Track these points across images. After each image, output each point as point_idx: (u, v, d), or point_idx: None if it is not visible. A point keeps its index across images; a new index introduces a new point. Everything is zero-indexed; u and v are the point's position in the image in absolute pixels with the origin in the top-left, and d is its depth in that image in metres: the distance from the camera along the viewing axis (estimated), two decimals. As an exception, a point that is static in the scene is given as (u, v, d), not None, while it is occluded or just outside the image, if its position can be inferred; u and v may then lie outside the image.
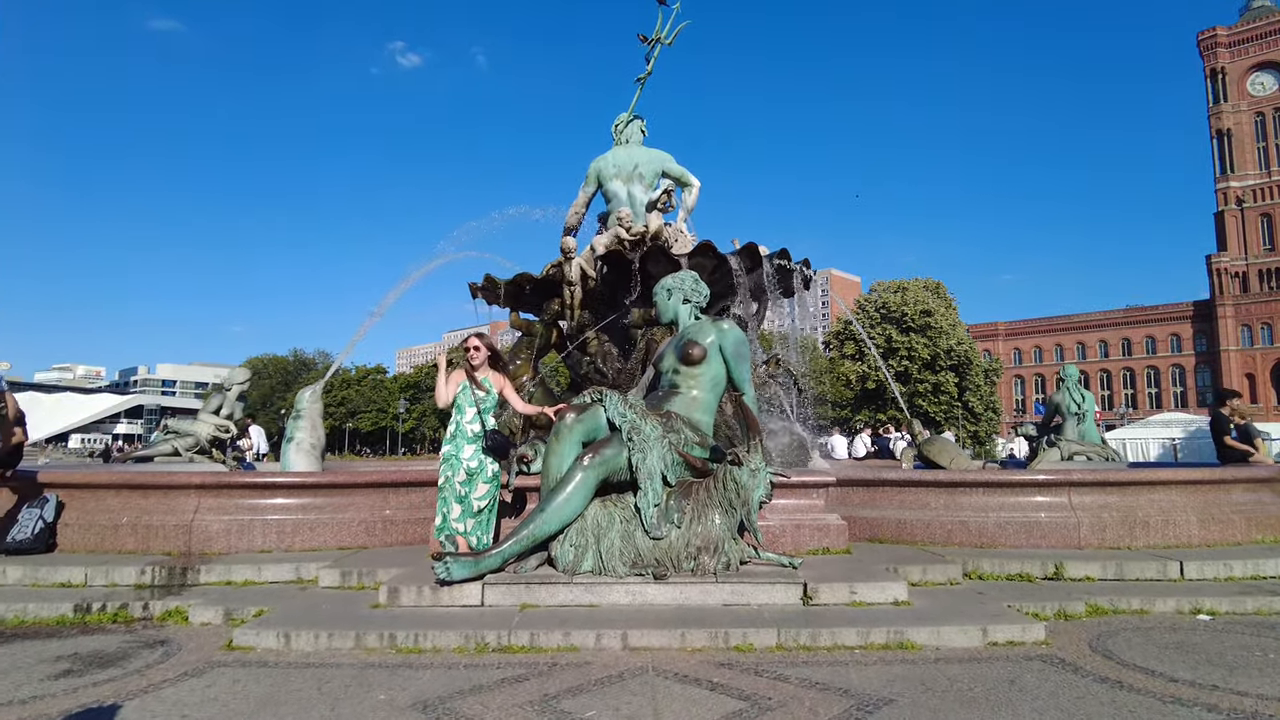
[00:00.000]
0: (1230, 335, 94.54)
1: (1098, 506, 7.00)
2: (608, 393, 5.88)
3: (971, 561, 6.34)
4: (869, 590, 5.28)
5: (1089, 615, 5.40)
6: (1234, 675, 4.16)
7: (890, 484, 7.44)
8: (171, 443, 11.75)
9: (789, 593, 5.24)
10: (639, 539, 5.42)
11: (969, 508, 7.05)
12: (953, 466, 9.72)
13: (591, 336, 11.33)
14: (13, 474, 7.41)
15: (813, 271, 12.04)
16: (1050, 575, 6.21)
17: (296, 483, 7.29)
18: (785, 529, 6.45)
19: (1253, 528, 7.31)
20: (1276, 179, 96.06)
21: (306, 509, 7.05)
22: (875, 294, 60.88)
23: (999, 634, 4.71)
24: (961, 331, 58.61)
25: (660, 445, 5.59)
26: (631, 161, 12.00)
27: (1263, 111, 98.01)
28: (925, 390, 55.44)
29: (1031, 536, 6.85)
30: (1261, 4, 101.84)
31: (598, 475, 5.46)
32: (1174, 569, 6.25)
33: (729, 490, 5.51)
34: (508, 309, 12.28)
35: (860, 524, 7.20)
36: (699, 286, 6.61)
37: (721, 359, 6.14)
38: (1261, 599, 5.69)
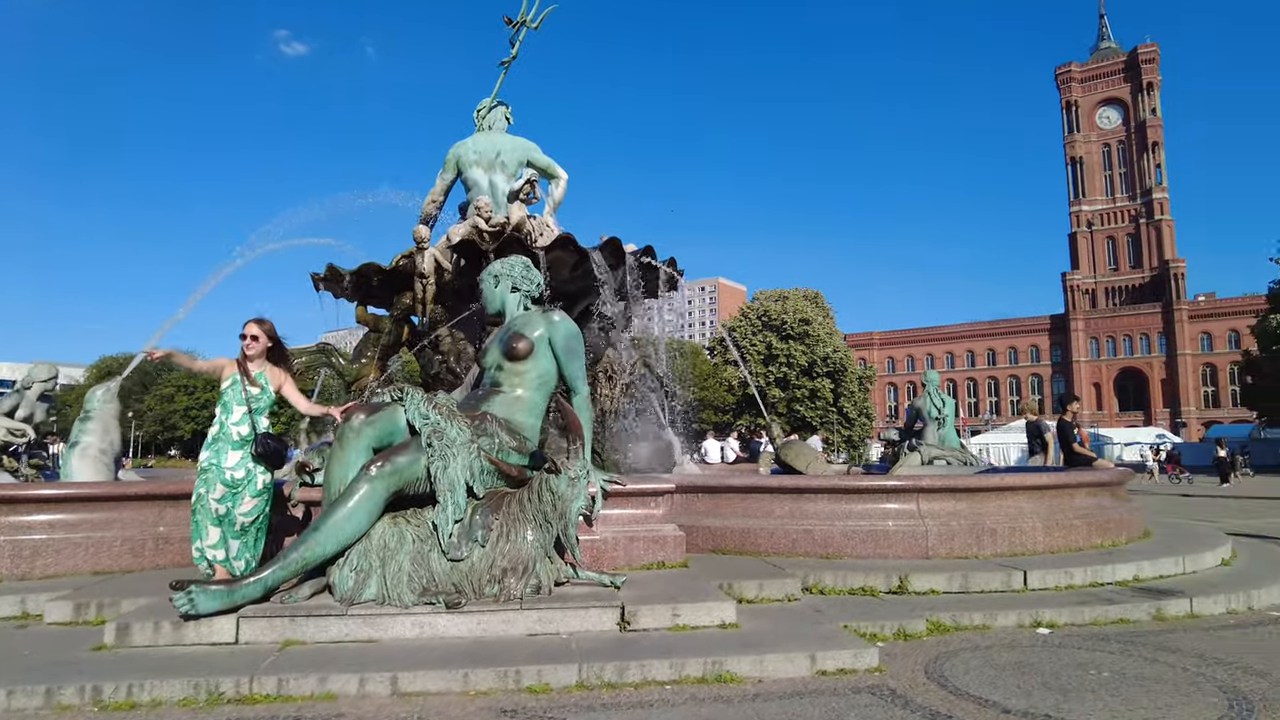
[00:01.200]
0: (1081, 347, 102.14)
1: (946, 514, 6.73)
2: (410, 390, 5.10)
3: (814, 574, 5.90)
4: (693, 612, 4.71)
5: (930, 634, 5.02)
6: (1067, 700, 3.80)
7: (735, 490, 6.95)
8: (-48, 449, 10.14)
9: (604, 618, 4.60)
10: (434, 561, 4.66)
11: (815, 516, 6.64)
12: (809, 471, 9.42)
13: (445, 334, 10.48)
14: None
15: (680, 272, 11.55)
16: (895, 589, 5.84)
17: (37, 495, 6.11)
18: (618, 542, 5.82)
19: (1094, 532, 7.24)
20: (1119, 205, 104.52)
21: (54, 527, 5.91)
22: (758, 302, 62.01)
23: (829, 661, 4.22)
24: (838, 340, 60.47)
25: (467, 451, 4.85)
26: (494, 149, 11.21)
27: (1109, 143, 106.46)
28: (803, 396, 56.80)
29: (879, 546, 6.50)
30: (1108, 45, 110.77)
31: (387, 486, 4.66)
32: (1018, 579, 6.00)
33: (544, 502, 4.83)
34: (354, 302, 11.25)
35: (704, 534, 6.67)
36: (530, 274, 5.92)
37: (551, 354, 5.47)
38: (1098, 608, 5.48)
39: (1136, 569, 6.40)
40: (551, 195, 11.23)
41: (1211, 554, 7.15)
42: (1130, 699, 3.83)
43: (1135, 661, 4.44)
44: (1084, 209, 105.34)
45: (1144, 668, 4.33)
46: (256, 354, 5.04)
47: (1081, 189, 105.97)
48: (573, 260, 9.72)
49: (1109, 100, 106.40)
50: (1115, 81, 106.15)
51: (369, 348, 11.21)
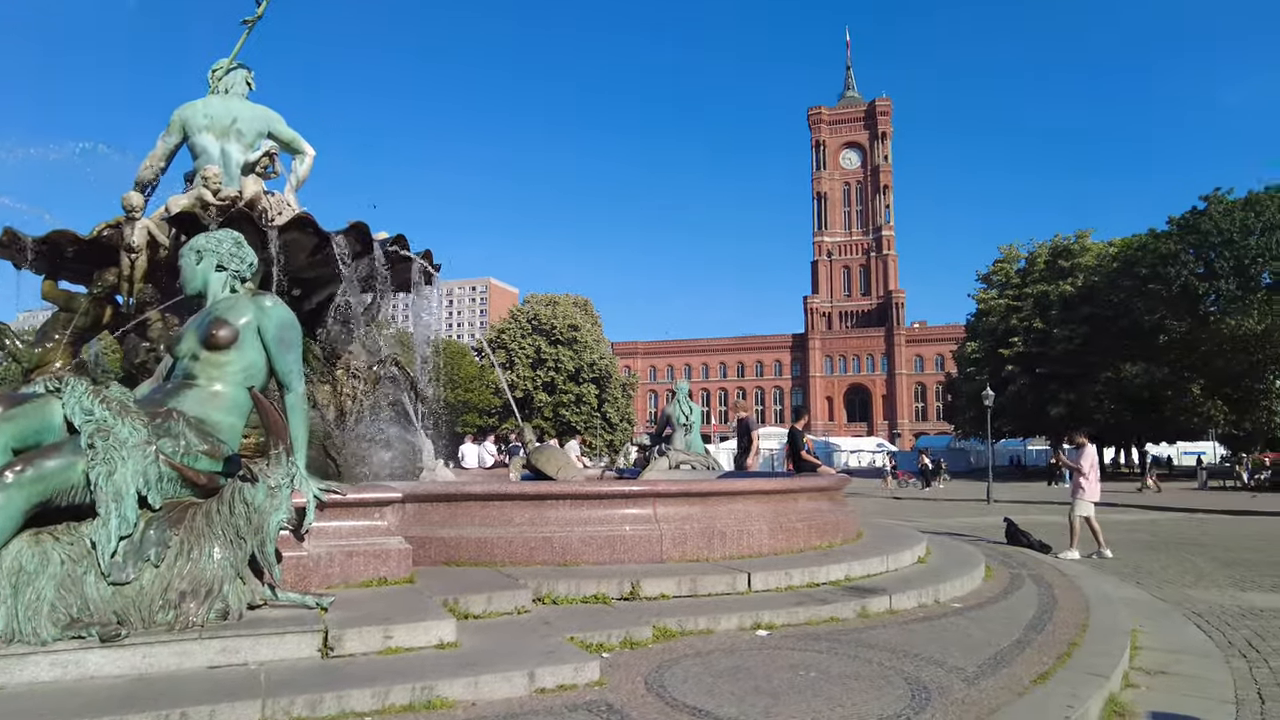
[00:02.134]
0: (818, 364, 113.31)
1: (681, 518, 6.88)
2: (70, 379, 4.24)
3: (548, 584, 5.73)
4: (409, 632, 4.33)
5: (656, 640, 5.02)
6: (777, 703, 3.92)
7: (474, 498, 6.63)
8: None
9: (303, 644, 4.09)
10: (89, 585, 3.88)
11: (555, 522, 6.50)
12: (560, 476, 9.31)
13: (155, 317, 9.09)
14: None
15: (436, 266, 10.98)
16: (627, 595, 5.82)
17: None
18: (333, 558, 5.26)
19: (813, 534, 7.76)
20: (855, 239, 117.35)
21: None
22: (529, 305, 61.99)
23: (549, 678, 4.04)
24: (605, 347, 62.07)
25: (141, 454, 4.10)
26: (229, 114, 9.94)
27: (849, 181, 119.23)
28: (569, 400, 57.53)
29: (616, 552, 6.49)
30: (853, 94, 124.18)
31: (27, 497, 3.81)
32: (743, 581, 6.24)
33: (237, 515, 4.20)
34: (41, 275, 9.48)
35: (437, 545, 6.27)
36: (241, 251, 5.21)
37: (260, 344, 4.82)
38: (812, 608, 5.82)
39: (848, 569, 6.92)
40: (295, 172, 10.22)
41: (910, 552, 7.94)
42: (832, 698, 4.02)
43: (840, 660, 4.71)
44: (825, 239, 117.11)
45: (846, 665, 4.60)
46: None
47: (824, 221, 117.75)
48: (312, 244, 8.88)
49: (851, 144, 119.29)
50: (856, 128, 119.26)
51: (57, 329, 9.53)
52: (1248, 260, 38.73)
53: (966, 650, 5.01)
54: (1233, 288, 39.03)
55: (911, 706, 3.92)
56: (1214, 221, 39.53)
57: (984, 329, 52.06)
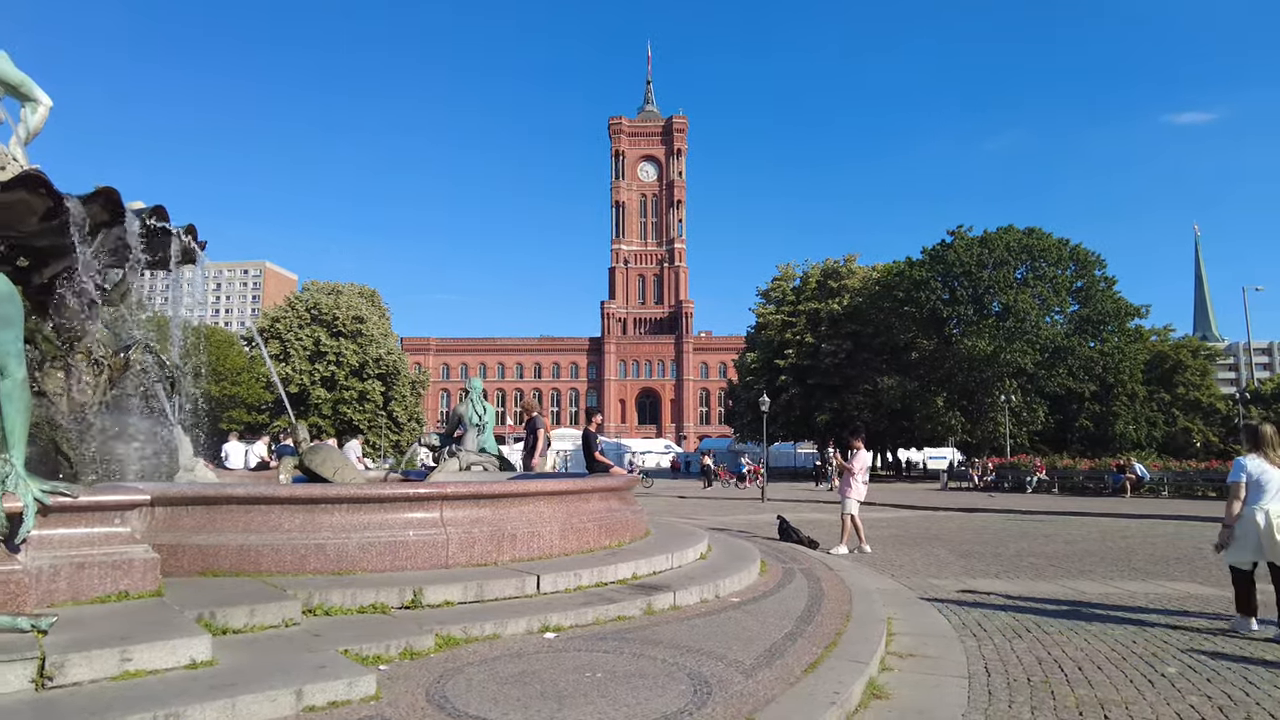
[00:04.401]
0: (613, 367, 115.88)
1: (469, 521, 6.66)
2: None
3: (320, 594, 5.30)
4: (151, 652, 3.81)
5: (439, 649, 4.80)
6: (563, 708, 3.86)
7: (235, 501, 6.01)
8: None
9: (12, 674, 3.46)
10: None
11: (329, 528, 6.04)
12: (337, 478, 8.70)
13: None
14: None
15: (201, 243, 9.90)
16: (409, 603, 5.52)
17: None
18: (59, 571, 4.52)
19: (604, 534, 7.83)
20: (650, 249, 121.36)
21: None
22: (309, 293, 57.88)
23: (319, 695, 3.71)
24: (393, 342, 59.41)
25: None
26: (-59, 51, 8.38)
27: (646, 193, 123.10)
28: (351, 397, 54.45)
29: (398, 558, 6.15)
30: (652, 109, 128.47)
31: None
32: (532, 584, 6.14)
33: (-74, 520, 3.50)
34: None
35: (192, 554, 5.62)
36: (-56, 211, 4.37)
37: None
38: (600, 608, 5.84)
39: (635, 567, 7.04)
40: (25, 122, 8.79)
41: (693, 550, 8.24)
42: (617, 698, 4.03)
43: (625, 659, 4.75)
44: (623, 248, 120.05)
45: (632, 664, 4.64)
46: None
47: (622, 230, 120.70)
48: (44, 207, 7.64)
49: (648, 157, 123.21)
50: (654, 142, 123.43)
51: None
52: (981, 290, 44.67)
53: (745, 643, 5.25)
54: (970, 313, 44.86)
55: (694, 702, 4.02)
56: (957, 254, 45.21)
57: (762, 341, 55.77)
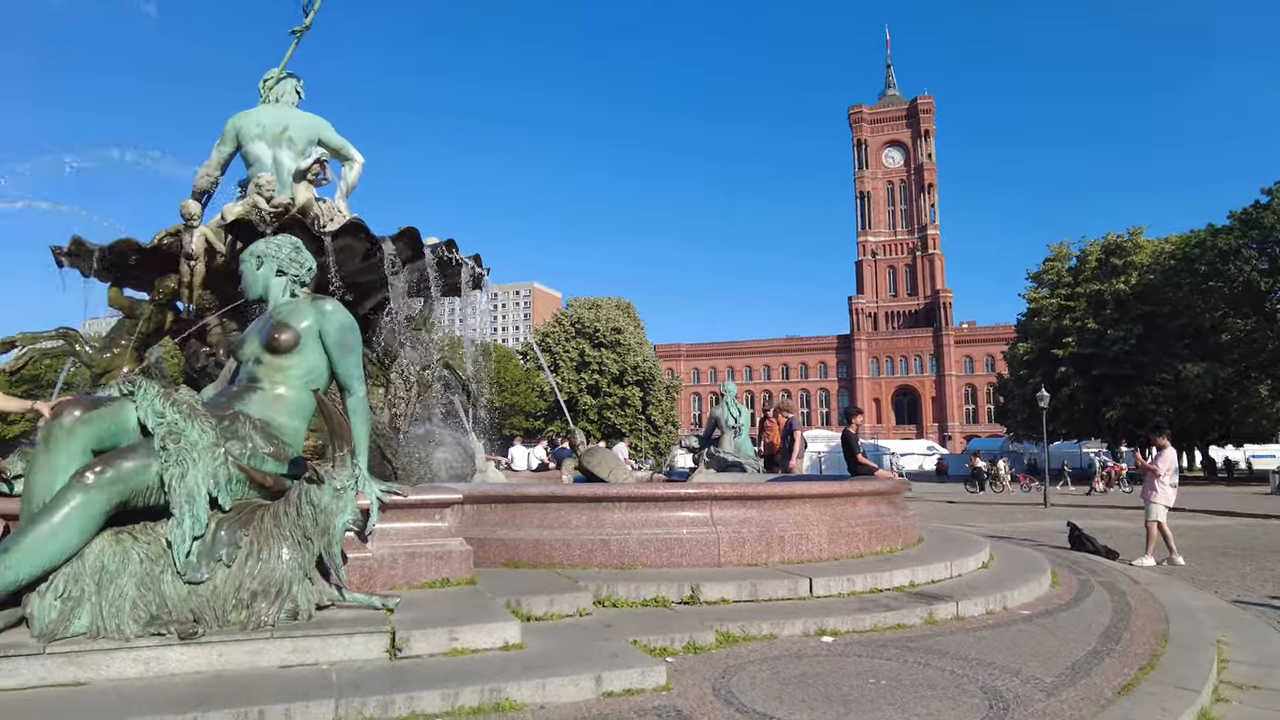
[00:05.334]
0: (864, 365, 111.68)
1: (738, 521, 6.79)
2: (142, 383, 4.32)
3: (607, 586, 5.69)
4: (473, 634, 4.32)
5: (719, 645, 4.94)
6: (850, 712, 3.81)
7: (531, 500, 6.63)
8: None
9: (371, 644, 4.10)
10: (166, 584, 3.94)
11: (612, 525, 6.46)
12: (611, 478, 9.27)
13: (213, 323, 9.31)
14: None
15: (485, 270, 11.06)
16: (687, 599, 5.75)
17: None
18: (395, 559, 5.30)
19: (874, 539, 7.60)
20: (900, 238, 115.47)
21: None
22: (572, 309, 62.32)
23: (615, 682, 3.99)
24: (648, 350, 62.11)
25: (211, 456, 4.16)
26: (280, 123, 10.11)
27: (892, 180, 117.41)
28: (613, 403, 57.67)
29: (673, 555, 6.42)
30: (894, 93, 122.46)
31: (108, 498, 3.89)
32: (804, 586, 6.12)
33: (304, 516, 4.24)
34: (107, 283, 9.75)
35: (497, 547, 6.29)
36: (300, 256, 5.27)
37: (321, 348, 4.85)
38: (877, 615, 5.68)
39: (911, 574, 6.75)
40: (345, 179, 10.37)
41: (974, 558, 7.73)
42: (905, 706, 3.90)
43: (910, 667, 4.58)
44: (869, 239, 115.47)
45: (918, 673, 4.47)
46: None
47: (868, 221, 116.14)
48: (364, 249, 8.98)
49: (893, 142, 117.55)
50: (899, 126, 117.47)
51: (123, 335, 9.79)
52: (1316, 254, 37.23)
53: (1041, 659, 4.83)
54: (1301, 283, 37.57)
55: (989, 717, 3.79)
56: (1278, 215, 38.02)
57: (1035, 329, 50.83)
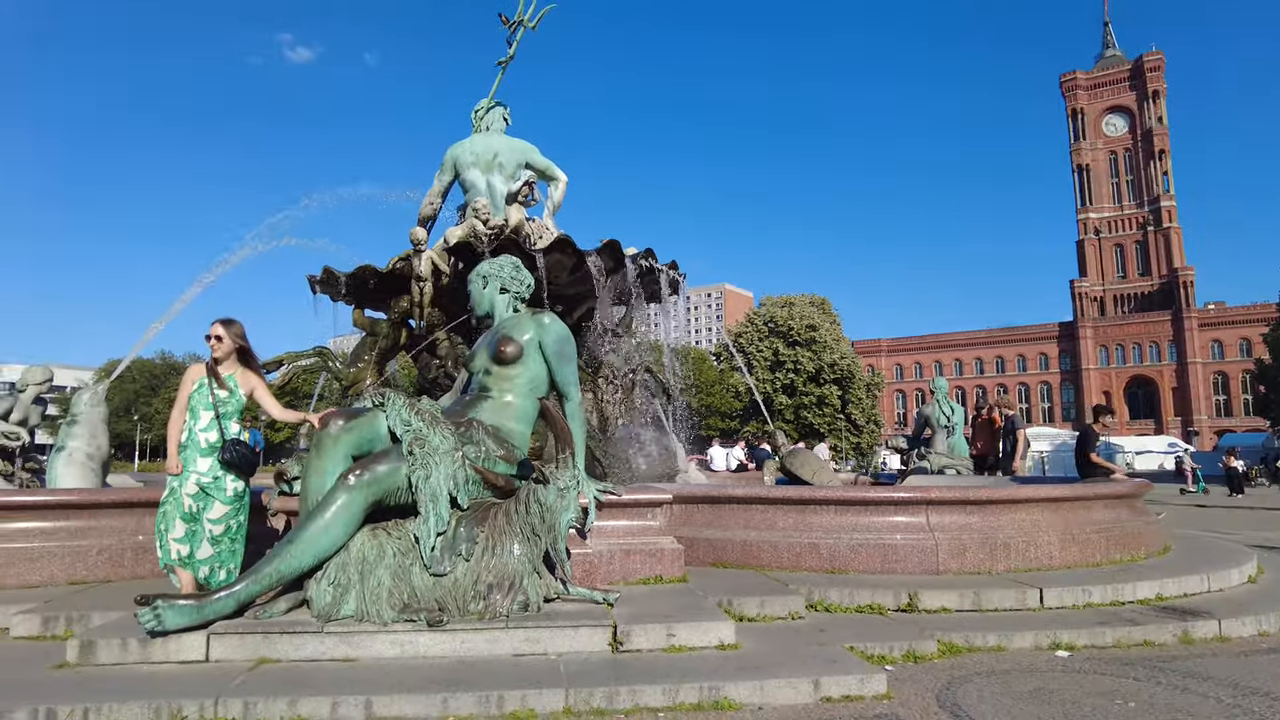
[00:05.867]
0: (1090, 355, 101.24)
1: (957, 527, 6.45)
2: (391, 395, 4.85)
3: (819, 590, 5.63)
4: (689, 631, 4.45)
5: (941, 655, 4.74)
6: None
7: (737, 501, 6.68)
8: (-57, 453, 9.98)
9: (595, 638, 4.34)
10: (416, 576, 4.41)
11: (820, 528, 6.37)
12: (815, 480, 9.13)
13: (442, 337, 10.25)
14: None
15: (682, 275, 11.32)
16: (904, 606, 5.56)
17: (12, 503, 5.89)
18: (612, 556, 5.57)
19: (1112, 547, 6.94)
20: (1127, 213, 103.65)
21: (30, 535, 5.70)
22: (765, 308, 61.85)
23: (834, 687, 3.95)
24: (845, 346, 60.25)
25: (451, 460, 4.60)
26: (491, 150, 10.95)
27: (1115, 150, 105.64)
28: (810, 402, 56.51)
29: (887, 560, 6.22)
30: (1113, 53, 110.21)
31: (366, 497, 4.42)
32: (1034, 597, 5.71)
33: (532, 514, 4.58)
34: (351, 305, 11.03)
35: (704, 546, 6.41)
36: (520, 274, 5.68)
37: (541, 358, 5.23)
38: (1120, 629, 5.19)
39: (1159, 586, 6.10)
40: (550, 198, 11.01)
41: (1238, 570, 6.84)
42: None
43: (1164, 690, 4.15)
44: (1091, 216, 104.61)
45: (1174, 697, 4.04)
46: (224, 355, 4.80)
47: (1088, 196, 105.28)
48: (571, 263, 9.48)
49: (1115, 108, 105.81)
50: (1121, 89, 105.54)
51: (366, 352, 10.98)
52: None
53: (1335, 691, 4.19)
54: None
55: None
56: None
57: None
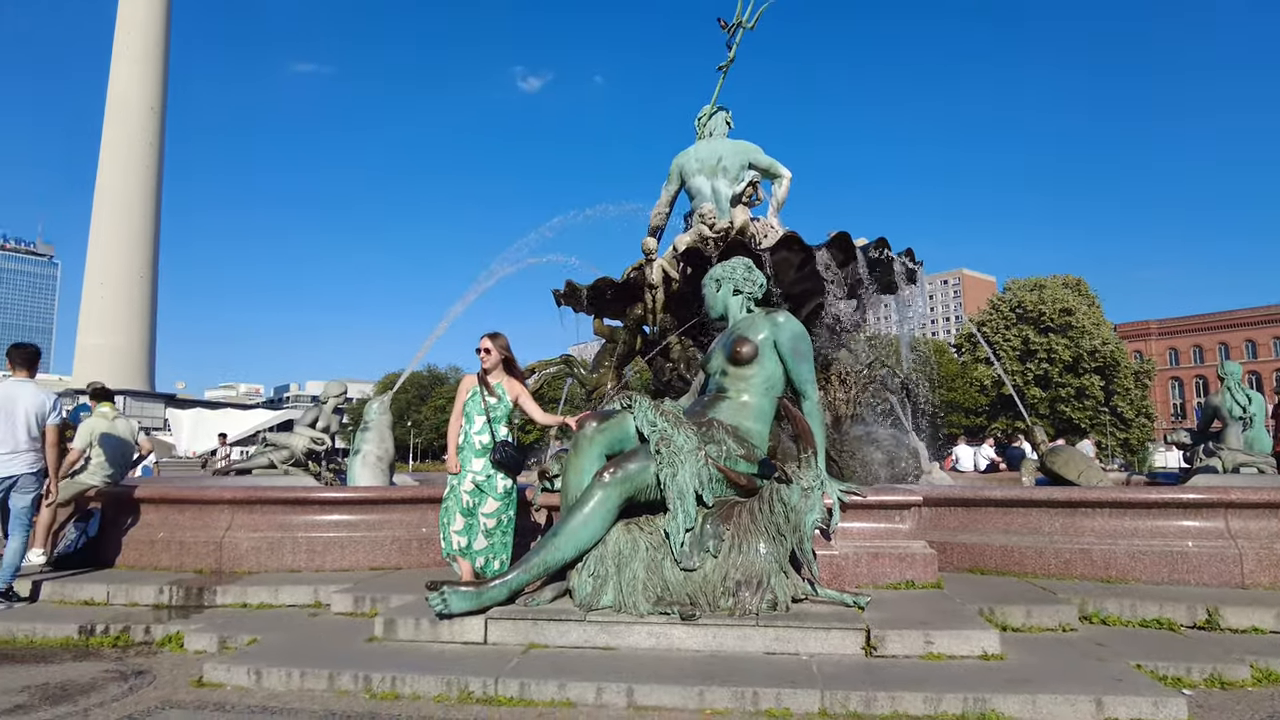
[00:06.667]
0: None
1: (1268, 535, 5.57)
2: (638, 398, 5.10)
3: (1093, 601, 5.10)
4: (949, 639, 4.23)
5: (1257, 683, 4.12)
6: None
7: (994, 503, 6.23)
8: (268, 455, 11.92)
9: (847, 640, 4.26)
10: (667, 570, 4.59)
11: (1093, 533, 5.77)
12: (1081, 481, 8.29)
13: (674, 341, 10.59)
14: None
15: (918, 264, 10.81)
16: (1200, 624, 4.89)
17: (327, 498, 6.89)
18: (860, 558, 5.43)
19: None
20: None
21: (338, 526, 6.63)
22: (1010, 293, 56.91)
23: (1121, 709, 3.57)
24: (1107, 331, 53.91)
25: (695, 459, 4.75)
26: (715, 155, 11.15)
27: None
28: (1068, 395, 51.22)
29: (1175, 570, 5.52)
30: None
31: (620, 493, 4.67)
32: (1377, 619, 4.79)
33: (776, 514, 4.60)
34: (591, 315, 11.71)
35: (957, 551, 6.05)
36: (752, 275, 5.73)
37: (777, 357, 5.24)
38: None
39: None
40: (775, 196, 10.95)
41: None
42: None
43: None
44: None
45: None
46: (492, 366, 5.28)
47: None
48: (798, 260, 9.38)
49: None
50: None
51: (606, 358, 11.58)
52: None
53: None
54: None
55: None
56: None
57: None
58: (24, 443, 5.92)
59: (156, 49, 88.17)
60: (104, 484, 7.01)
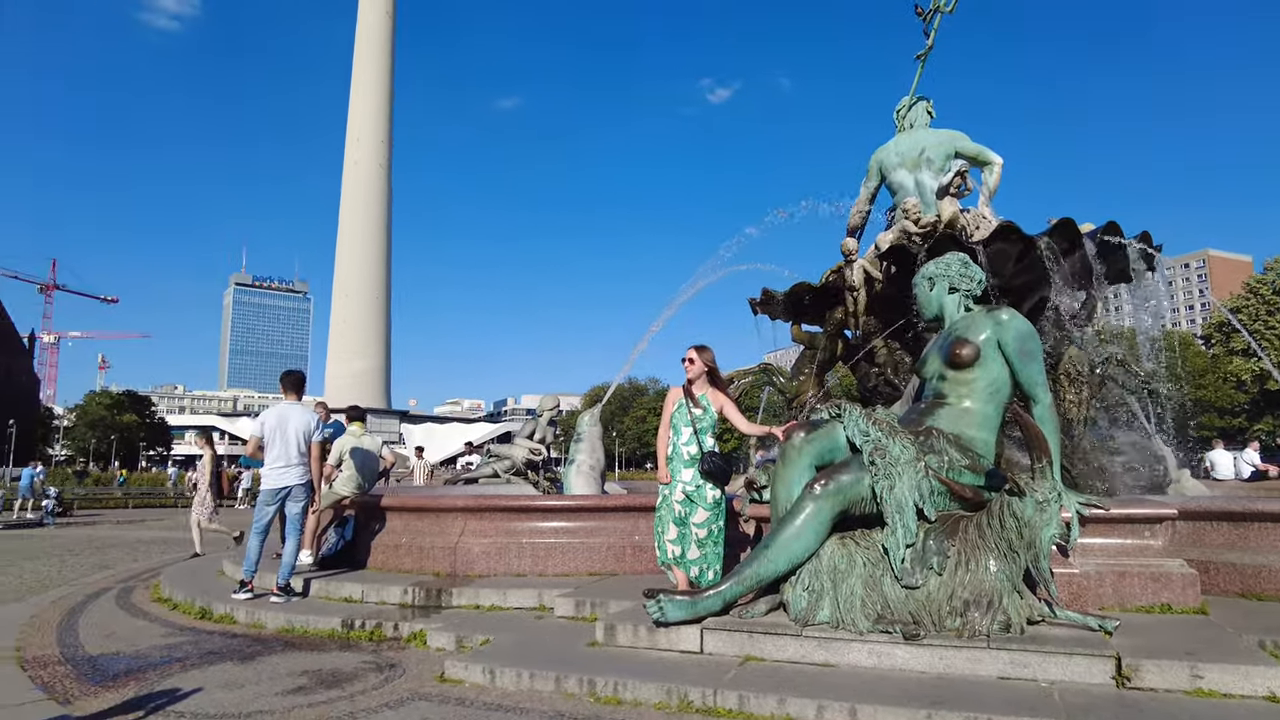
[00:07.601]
0: None
1: None
2: (848, 406, 4.95)
3: None
4: (1223, 674, 3.71)
5: None
6: None
7: (1270, 518, 5.40)
8: (492, 465, 12.91)
9: (1094, 668, 3.87)
10: (887, 587, 4.41)
11: None
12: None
13: (879, 345, 10.21)
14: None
15: (1156, 248, 9.71)
16: None
17: (549, 506, 7.30)
18: (1103, 577, 4.93)
19: None
20: None
21: (559, 533, 7.00)
22: (1272, 273, 49.44)
23: None
24: None
25: (913, 470, 4.53)
26: (917, 146, 10.66)
27: None
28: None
29: None
30: None
31: (832, 506, 4.55)
32: None
33: (1008, 528, 4.28)
34: (789, 322, 11.58)
35: (1222, 573, 5.32)
36: (969, 270, 5.38)
37: (1002, 359, 4.88)
38: None
39: None
40: (985, 184, 10.25)
41: None
42: None
43: None
44: None
45: None
46: (695, 376, 5.35)
47: None
48: (1017, 251, 8.71)
49: None
50: None
51: (805, 365, 11.38)
52: None
53: None
54: None
55: None
56: None
57: None
58: (295, 458, 6.80)
59: (382, 114, 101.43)
60: (354, 493, 7.89)
